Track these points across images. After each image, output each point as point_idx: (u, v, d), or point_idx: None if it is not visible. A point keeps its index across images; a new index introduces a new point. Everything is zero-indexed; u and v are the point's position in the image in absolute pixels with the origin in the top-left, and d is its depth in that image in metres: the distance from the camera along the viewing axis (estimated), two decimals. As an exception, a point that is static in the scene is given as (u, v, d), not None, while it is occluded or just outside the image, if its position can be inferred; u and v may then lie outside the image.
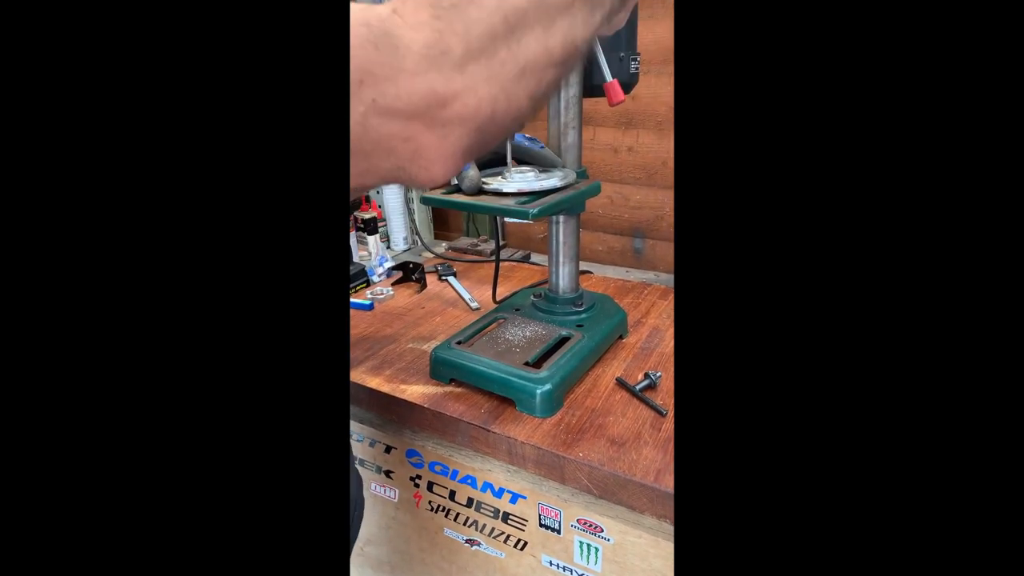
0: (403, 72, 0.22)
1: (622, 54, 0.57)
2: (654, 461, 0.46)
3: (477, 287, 0.82)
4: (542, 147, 0.56)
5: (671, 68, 0.85)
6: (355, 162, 0.23)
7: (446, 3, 0.23)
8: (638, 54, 0.59)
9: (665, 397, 0.54)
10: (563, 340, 0.58)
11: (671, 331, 0.67)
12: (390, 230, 1.04)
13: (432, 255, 0.98)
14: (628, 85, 0.57)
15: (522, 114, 0.27)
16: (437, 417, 0.54)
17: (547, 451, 0.48)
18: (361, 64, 0.22)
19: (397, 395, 0.56)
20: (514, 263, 0.93)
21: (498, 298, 0.75)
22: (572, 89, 0.55)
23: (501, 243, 1.06)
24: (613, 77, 0.47)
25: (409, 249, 1.05)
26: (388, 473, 0.64)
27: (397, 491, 0.65)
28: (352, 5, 0.22)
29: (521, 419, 0.51)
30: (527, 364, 0.53)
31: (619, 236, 0.98)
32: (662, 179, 0.91)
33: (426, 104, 0.23)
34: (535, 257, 0.99)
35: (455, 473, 0.58)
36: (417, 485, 0.62)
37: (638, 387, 0.54)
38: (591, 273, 0.87)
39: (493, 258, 0.93)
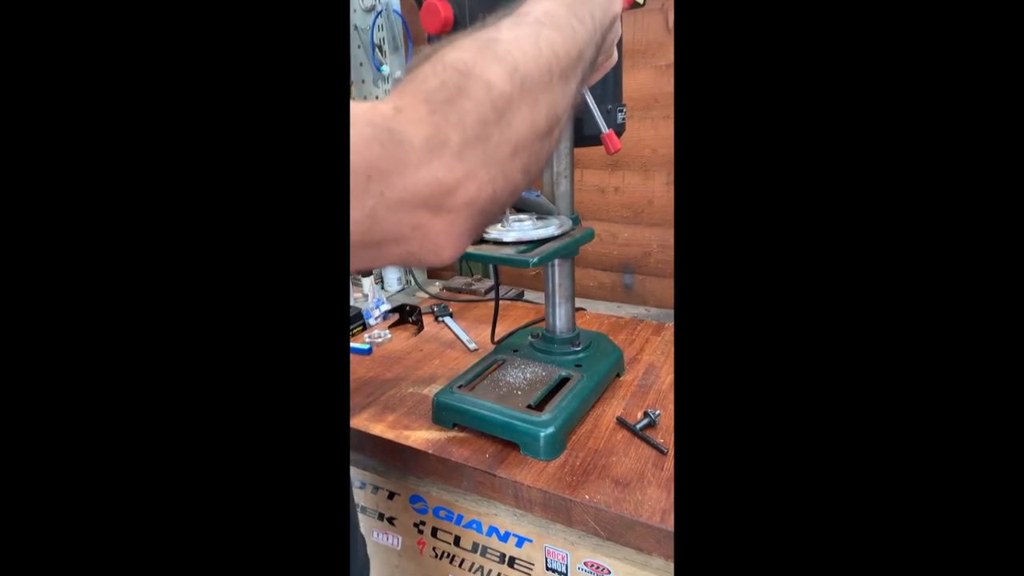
0: (408, 165, 0.24)
1: (609, 106, 0.61)
2: (659, 501, 0.47)
3: (474, 327, 0.83)
4: (537, 195, 0.58)
5: (653, 113, 0.89)
6: (365, 252, 0.25)
7: (440, 98, 0.25)
8: (624, 105, 0.63)
9: (665, 435, 0.55)
10: (563, 381, 0.59)
11: (666, 367, 0.68)
12: (383, 270, 1.06)
13: (427, 295, 1.00)
14: (616, 134, 0.60)
15: (518, 188, 0.29)
16: (442, 463, 0.54)
17: (553, 494, 0.49)
18: (368, 161, 0.23)
19: (401, 442, 0.56)
20: (508, 301, 0.95)
21: (496, 338, 0.77)
22: (564, 142, 0.58)
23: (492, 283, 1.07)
24: (609, 128, 0.51)
25: (403, 289, 1.06)
26: (391, 520, 0.64)
27: (400, 538, 0.64)
28: (357, 105, 0.24)
29: (526, 462, 0.52)
30: (529, 407, 0.55)
31: (609, 272, 1.00)
32: (648, 217, 0.94)
33: (431, 192, 0.25)
34: (528, 294, 1.01)
35: (460, 518, 0.58)
36: (421, 531, 0.62)
37: (638, 426, 0.55)
38: (584, 310, 0.89)
39: (487, 297, 0.94)
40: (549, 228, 0.54)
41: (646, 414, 0.56)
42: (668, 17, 0.84)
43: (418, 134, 0.24)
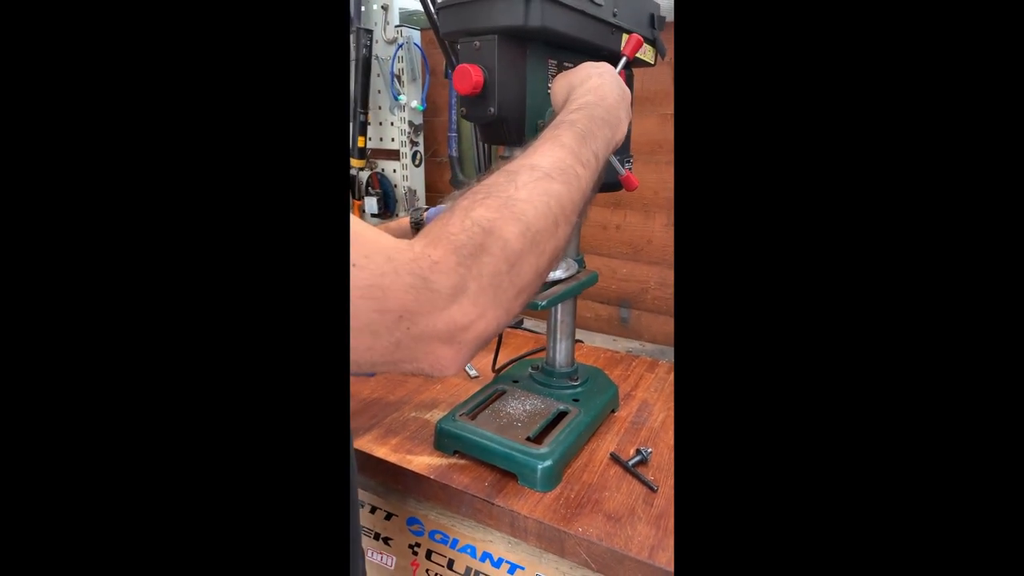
0: (434, 309, 0.29)
1: (617, 157, 0.65)
2: (648, 537, 0.49)
3: (474, 354, 0.86)
4: (546, 238, 0.62)
5: (657, 157, 0.93)
6: (383, 367, 0.30)
7: (466, 252, 0.30)
8: (631, 156, 0.67)
9: (656, 472, 0.58)
10: (561, 415, 0.62)
11: (659, 404, 0.71)
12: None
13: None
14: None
15: (516, 316, 0.35)
16: (443, 489, 0.57)
17: (548, 525, 0.51)
18: (404, 304, 0.28)
19: (404, 465, 0.59)
20: (509, 329, 0.98)
21: (496, 366, 0.79)
22: (574, 188, 0.62)
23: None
24: (626, 170, 0.55)
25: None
26: (386, 540, 0.66)
27: (395, 559, 0.66)
28: (403, 251, 0.29)
29: (523, 492, 0.55)
30: (529, 439, 0.57)
31: (607, 305, 1.04)
32: (647, 255, 0.98)
33: (448, 330, 0.30)
34: (528, 322, 1.04)
35: (455, 542, 0.60)
36: (415, 553, 0.64)
37: (631, 463, 0.58)
38: (582, 342, 0.92)
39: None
40: (557, 271, 0.57)
41: (638, 451, 0.59)
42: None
43: (447, 283, 0.29)
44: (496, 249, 0.31)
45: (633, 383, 0.77)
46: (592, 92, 0.44)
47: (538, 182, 0.34)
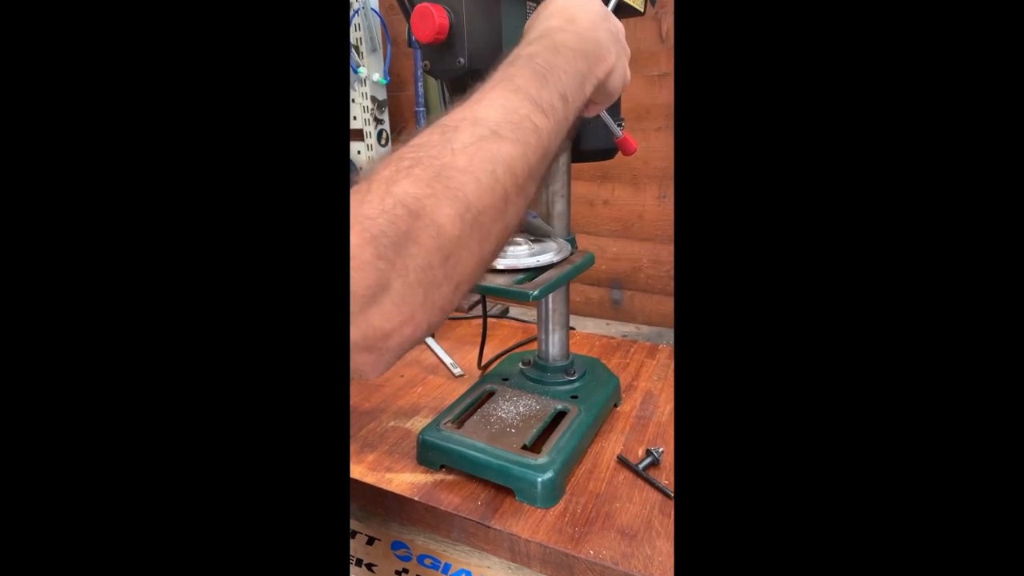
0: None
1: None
2: (670, 556, 0.43)
3: (458, 349, 0.78)
4: (534, 216, 0.54)
5: (645, 124, 0.86)
6: None
7: (386, 241, 0.24)
8: (623, 119, 0.59)
9: (670, 475, 0.51)
10: (560, 415, 0.55)
11: (664, 395, 0.65)
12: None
13: (406, 312, 0.94)
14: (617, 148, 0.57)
15: (452, 310, 0.29)
16: (430, 511, 0.49)
17: (554, 549, 0.44)
18: None
19: (383, 486, 0.51)
20: (493, 319, 0.90)
21: (483, 363, 0.72)
22: (561, 157, 0.54)
23: (477, 298, 1.02)
24: (623, 133, 0.48)
25: (380, 304, 1.01)
26: (370, 566, 0.59)
27: (380, 586, 0.59)
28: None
29: (522, 510, 0.48)
30: (525, 447, 0.50)
31: (597, 287, 0.97)
32: (638, 232, 0.91)
33: (365, 338, 0.24)
34: (514, 311, 0.96)
35: (447, 567, 0.53)
36: (404, 579, 0.57)
37: (641, 466, 0.52)
38: (574, 329, 0.86)
39: (472, 315, 0.90)
40: (547, 255, 0.49)
41: (648, 452, 0.53)
42: (661, 26, 0.81)
43: (361, 282, 0.23)
44: (426, 237, 0.24)
45: (633, 372, 0.71)
46: (556, 15, 0.33)
47: (482, 143, 0.26)
